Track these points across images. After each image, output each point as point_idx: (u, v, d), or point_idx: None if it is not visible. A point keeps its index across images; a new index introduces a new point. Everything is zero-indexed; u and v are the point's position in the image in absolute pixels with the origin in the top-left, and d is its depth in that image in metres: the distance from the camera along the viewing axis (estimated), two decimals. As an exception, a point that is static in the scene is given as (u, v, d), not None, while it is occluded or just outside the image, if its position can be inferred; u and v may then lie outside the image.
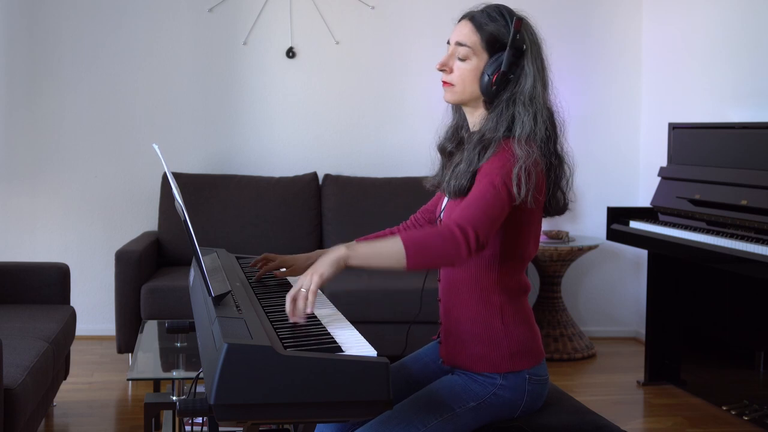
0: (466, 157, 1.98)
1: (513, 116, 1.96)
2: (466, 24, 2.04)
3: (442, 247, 1.79)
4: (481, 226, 1.82)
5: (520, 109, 1.97)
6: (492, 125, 1.98)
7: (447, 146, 2.16)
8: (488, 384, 1.98)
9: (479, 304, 2.00)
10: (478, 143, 1.97)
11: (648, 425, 3.80)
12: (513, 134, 1.95)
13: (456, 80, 2.03)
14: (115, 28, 4.98)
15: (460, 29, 2.04)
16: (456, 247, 1.79)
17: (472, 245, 1.80)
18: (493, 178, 1.88)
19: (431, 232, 1.83)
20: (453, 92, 2.05)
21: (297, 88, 5.13)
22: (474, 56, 2.01)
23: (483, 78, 2.00)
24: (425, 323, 2.77)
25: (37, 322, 3.42)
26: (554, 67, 2.11)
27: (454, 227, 1.81)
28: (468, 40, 2.01)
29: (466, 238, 1.80)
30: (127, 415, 3.77)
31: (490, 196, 1.86)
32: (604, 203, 5.12)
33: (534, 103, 1.98)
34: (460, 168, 1.98)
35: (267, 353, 1.45)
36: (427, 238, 1.81)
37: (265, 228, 4.79)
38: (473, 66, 2.01)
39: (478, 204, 1.85)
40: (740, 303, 3.96)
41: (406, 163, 5.12)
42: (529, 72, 1.99)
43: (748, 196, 3.58)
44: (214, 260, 2.25)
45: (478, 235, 1.81)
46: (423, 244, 1.80)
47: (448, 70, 2.04)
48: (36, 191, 4.99)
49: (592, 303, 5.35)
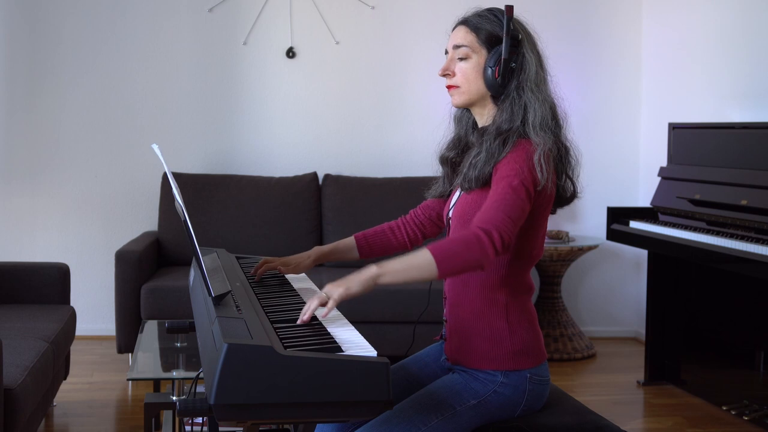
0: (486, 148, 1.99)
1: (525, 105, 1.98)
2: (460, 28, 2.07)
3: (468, 252, 1.82)
4: (504, 227, 1.84)
5: (530, 96, 1.99)
6: (507, 116, 1.99)
7: (449, 155, 2.18)
8: (489, 382, 1.99)
9: (484, 303, 2.01)
10: (497, 135, 1.98)
11: (648, 425, 3.80)
12: (527, 122, 1.97)
13: (460, 81, 2.04)
14: (115, 28, 4.98)
15: (456, 34, 2.07)
16: (482, 249, 1.82)
17: (498, 246, 1.83)
18: (510, 181, 1.90)
19: (456, 238, 1.85)
20: (460, 93, 2.06)
21: (297, 88, 5.13)
22: (473, 54, 2.03)
23: (486, 72, 2.01)
24: (430, 323, 2.78)
25: (37, 322, 3.42)
26: (554, 68, 2.12)
27: (478, 231, 1.83)
28: (464, 40, 2.04)
29: (491, 239, 1.82)
30: (127, 415, 3.77)
31: (510, 197, 1.88)
32: (604, 203, 5.12)
33: (541, 89, 2.01)
34: (480, 158, 1.99)
35: (267, 353, 1.45)
36: (454, 245, 1.83)
37: (265, 228, 4.79)
38: (474, 63, 2.03)
39: (499, 206, 1.87)
40: (740, 303, 3.96)
41: (406, 163, 5.12)
42: (530, 59, 2.01)
43: (748, 196, 3.58)
44: (214, 260, 2.25)
45: (503, 236, 1.83)
46: (451, 252, 1.82)
47: (451, 74, 2.06)
48: (36, 191, 4.99)
49: (592, 303, 5.35)
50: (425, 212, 2.33)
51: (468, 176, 2.01)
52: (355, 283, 1.80)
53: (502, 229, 1.84)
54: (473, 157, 2.02)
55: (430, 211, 2.32)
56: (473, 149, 2.06)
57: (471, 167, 2.01)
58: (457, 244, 1.83)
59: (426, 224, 2.33)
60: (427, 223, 2.33)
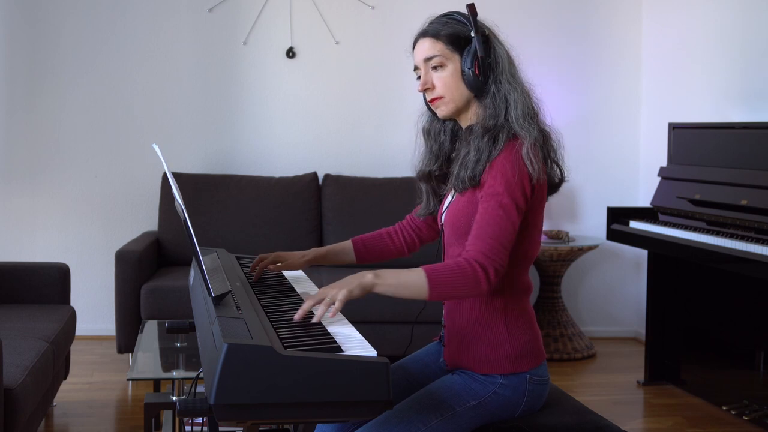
0: (475, 147, 1.98)
1: (505, 97, 1.98)
2: (423, 41, 2.06)
3: (462, 284, 1.84)
4: (498, 258, 1.86)
5: (508, 87, 1.99)
6: (491, 112, 1.99)
7: (429, 169, 2.16)
8: (489, 383, 1.99)
9: (483, 306, 2.01)
10: (485, 132, 1.98)
11: (648, 425, 3.80)
12: (510, 116, 1.97)
13: (442, 91, 2.03)
14: (115, 28, 4.98)
15: (420, 48, 2.06)
16: (477, 283, 1.84)
17: (492, 281, 1.85)
18: (500, 199, 1.90)
19: (453, 266, 1.85)
20: (445, 104, 2.04)
21: (297, 88, 5.13)
22: (447, 61, 2.02)
23: (466, 74, 2.00)
24: (428, 323, 2.78)
25: (37, 322, 3.42)
26: (554, 68, 2.12)
27: (474, 264, 1.84)
28: (432, 51, 2.03)
29: (486, 274, 1.84)
30: (127, 415, 3.77)
31: (501, 220, 1.88)
32: (604, 203, 5.12)
33: (516, 79, 2.02)
34: (470, 157, 1.98)
35: (267, 353, 1.45)
36: (449, 273, 1.84)
37: (265, 228, 4.79)
38: (451, 70, 2.02)
39: (492, 232, 1.88)
40: (740, 303, 3.96)
41: (406, 163, 5.06)
42: (501, 51, 2.02)
43: (748, 196, 3.58)
44: (214, 260, 2.25)
45: (497, 270, 1.86)
46: (445, 280, 1.84)
47: (431, 87, 2.04)
48: (36, 191, 4.99)
49: (592, 303, 5.35)
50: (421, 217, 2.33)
51: (460, 177, 2.00)
52: (356, 286, 1.82)
53: (498, 263, 1.86)
54: (463, 156, 2.01)
55: (427, 216, 2.32)
56: (462, 149, 2.04)
57: (462, 167, 2.00)
58: (452, 272, 1.84)
59: (423, 229, 2.33)
60: (424, 227, 2.33)
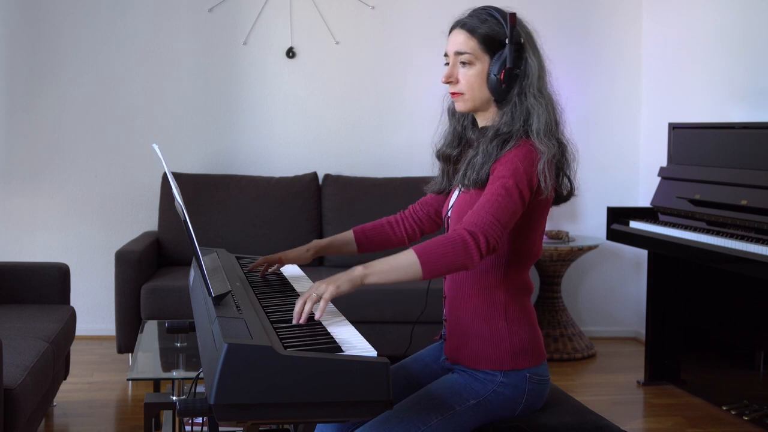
0: (483, 150, 1.99)
1: (528, 110, 1.98)
2: (459, 32, 2.04)
3: (453, 254, 1.82)
4: (491, 230, 1.84)
5: (533, 102, 1.98)
6: (507, 119, 1.99)
7: (449, 152, 2.17)
8: (489, 381, 1.99)
9: (484, 302, 2.02)
10: (495, 136, 1.99)
11: (648, 425, 3.80)
12: (531, 128, 1.96)
13: (464, 88, 2.04)
14: (115, 28, 4.98)
15: (455, 38, 2.05)
16: (467, 252, 1.82)
17: (483, 249, 1.83)
18: (505, 181, 1.90)
19: (442, 240, 1.84)
20: (464, 101, 2.06)
21: (297, 88, 5.13)
22: (476, 60, 2.02)
23: (490, 79, 2.01)
24: (429, 323, 2.78)
25: (37, 322, 3.42)
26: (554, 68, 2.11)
27: (464, 233, 1.83)
28: (465, 46, 2.02)
29: (477, 242, 1.82)
30: (127, 415, 3.77)
31: (502, 199, 1.88)
32: (604, 203, 5.12)
33: (544, 94, 2.01)
34: (477, 160, 1.99)
35: (267, 353, 1.45)
36: (439, 246, 1.83)
37: (265, 228, 4.79)
38: (478, 70, 2.02)
39: (489, 208, 1.87)
40: (740, 303, 3.96)
41: (406, 163, 5.12)
42: (533, 63, 2.01)
43: (748, 196, 3.58)
44: (214, 260, 2.25)
45: (488, 239, 1.84)
46: (435, 253, 1.82)
47: (455, 81, 2.05)
48: (36, 191, 4.99)
49: (592, 303, 5.35)
50: (424, 209, 2.34)
51: (467, 176, 2.01)
52: (344, 281, 1.81)
53: (489, 233, 1.84)
54: (471, 157, 2.02)
55: (429, 208, 2.33)
56: (472, 149, 2.06)
57: (470, 167, 2.01)
58: (441, 245, 1.83)
59: (424, 221, 2.34)
60: (426, 219, 2.34)
